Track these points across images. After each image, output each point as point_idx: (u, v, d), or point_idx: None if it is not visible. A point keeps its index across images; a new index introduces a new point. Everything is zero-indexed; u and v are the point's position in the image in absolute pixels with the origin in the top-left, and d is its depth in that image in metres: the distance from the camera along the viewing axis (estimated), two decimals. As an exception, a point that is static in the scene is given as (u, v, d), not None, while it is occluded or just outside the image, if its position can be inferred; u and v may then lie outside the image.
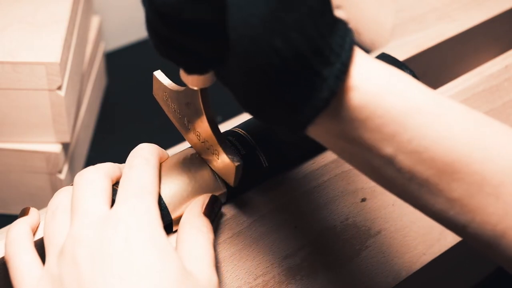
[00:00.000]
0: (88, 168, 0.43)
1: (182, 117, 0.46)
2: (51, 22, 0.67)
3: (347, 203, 0.51)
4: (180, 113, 0.46)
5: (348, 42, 0.34)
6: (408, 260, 0.52)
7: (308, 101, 0.34)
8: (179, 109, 0.46)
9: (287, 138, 0.50)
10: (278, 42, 0.32)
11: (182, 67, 0.39)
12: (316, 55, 0.33)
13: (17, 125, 0.67)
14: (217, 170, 0.45)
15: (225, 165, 0.44)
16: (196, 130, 0.45)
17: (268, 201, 0.48)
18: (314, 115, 0.34)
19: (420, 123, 0.35)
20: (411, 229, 0.53)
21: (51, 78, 0.63)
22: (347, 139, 0.36)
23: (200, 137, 0.45)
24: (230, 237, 0.46)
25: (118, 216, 0.39)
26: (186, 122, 0.46)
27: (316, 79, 0.34)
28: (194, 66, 0.38)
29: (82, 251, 0.38)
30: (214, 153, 0.44)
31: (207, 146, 0.45)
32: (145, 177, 0.42)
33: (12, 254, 0.41)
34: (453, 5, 0.73)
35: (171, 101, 0.47)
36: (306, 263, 0.48)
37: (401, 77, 0.36)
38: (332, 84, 0.34)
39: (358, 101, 0.35)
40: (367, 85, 0.35)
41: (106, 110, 0.88)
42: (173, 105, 0.47)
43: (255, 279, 0.46)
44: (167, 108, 0.48)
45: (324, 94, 0.34)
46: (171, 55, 0.37)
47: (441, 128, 0.35)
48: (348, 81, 0.34)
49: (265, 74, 0.33)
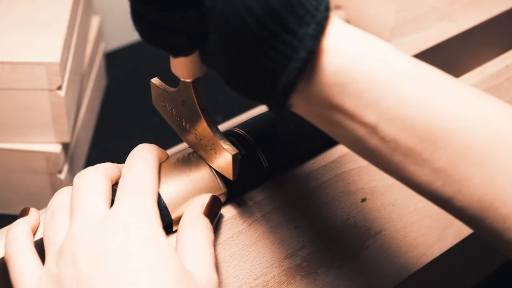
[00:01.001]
0: (87, 169, 0.43)
1: (180, 119, 0.47)
2: (51, 22, 0.67)
3: (347, 203, 0.51)
4: (178, 115, 0.46)
5: (324, 5, 0.35)
6: (408, 260, 0.52)
7: (287, 63, 0.34)
8: (177, 111, 0.46)
9: (288, 138, 0.50)
10: (251, 1, 0.33)
11: (168, 50, 0.39)
12: (290, 14, 0.34)
13: (17, 125, 0.67)
14: (217, 167, 0.45)
15: (223, 158, 0.44)
16: (194, 129, 0.45)
17: (269, 201, 0.48)
18: (295, 78, 0.35)
19: (400, 88, 0.35)
20: (411, 229, 0.53)
21: (51, 78, 0.63)
22: (329, 107, 0.36)
23: (198, 135, 0.45)
24: (230, 237, 0.46)
25: (117, 215, 0.39)
26: (184, 123, 0.46)
27: (293, 39, 0.34)
28: (179, 47, 0.38)
29: (81, 251, 0.38)
30: (212, 149, 0.44)
31: (205, 143, 0.45)
32: (144, 176, 0.42)
33: (12, 254, 0.41)
34: (453, 5, 0.73)
35: (169, 104, 0.47)
36: (306, 263, 0.48)
37: (380, 43, 0.36)
38: (309, 44, 0.34)
39: (336, 64, 0.35)
40: (345, 47, 0.35)
41: (106, 110, 0.88)
42: (171, 108, 0.47)
43: (255, 279, 0.46)
44: (166, 115, 0.48)
45: (302, 54, 0.34)
46: (155, 38, 0.38)
47: (422, 94, 0.35)
48: (325, 43, 0.35)
49: (242, 37, 0.34)
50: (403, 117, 0.35)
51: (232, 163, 0.43)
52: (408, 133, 0.35)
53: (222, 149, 0.44)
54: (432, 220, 0.54)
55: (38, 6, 0.69)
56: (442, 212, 0.54)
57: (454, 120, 0.35)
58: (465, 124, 0.35)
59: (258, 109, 0.59)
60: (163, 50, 0.39)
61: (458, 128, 0.35)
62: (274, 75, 0.35)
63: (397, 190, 0.53)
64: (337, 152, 0.52)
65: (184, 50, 0.39)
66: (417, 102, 0.35)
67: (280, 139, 0.49)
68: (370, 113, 0.35)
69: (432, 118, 0.35)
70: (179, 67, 0.42)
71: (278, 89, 0.35)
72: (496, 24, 0.72)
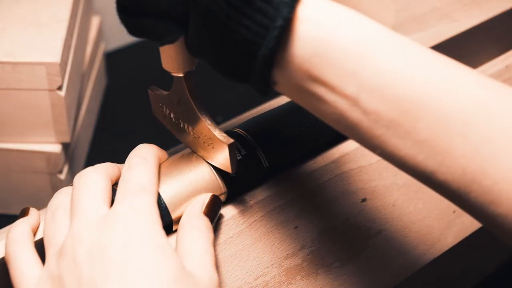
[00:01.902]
0: (87, 169, 0.43)
1: (178, 122, 0.47)
2: (51, 22, 0.67)
3: (347, 203, 0.51)
4: (176, 117, 0.47)
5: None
6: (408, 260, 0.52)
7: (265, 33, 0.35)
8: (174, 113, 0.47)
9: (288, 138, 0.50)
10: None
11: (153, 37, 0.40)
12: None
13: (18, 125, 0.67)
14: (216, 163, 0.45)
15: (220, 151, 0.44)
16: (191, 128, 0.46)
17: (269, 201, 0.48)
18: (275, 47, 0.35)
19: (377, 59, 0.35)
20: (411, 229, 0.53)
21: (51, 78, 0.63)
22: (310, 80, 0.36)
23: (195, 134, 0.46)
24: (231, 237, 0.46)
25: (117, 215, 0.39)
26: (182, 125, 0.47)
27: (268, 7, 0.35)
28: (163, 33, 0.39)
29: (81, 251, 0.38)
30: (209, 144, 0.45)
31: (203, 140, 0.45)
32: (144, 176, 0.42)
33: (12, 254, 0.41)
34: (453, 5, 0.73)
35: (167, 108, 0.48)
36: (306, 263, 0.48)
37: (355, 14, 0.37)
38: (284, 12, 0.35)
39: (312, 34, 0.35)
40: (320, 17, 0.35)
41: (106, 110, 0.88)
42: (169, 113, 0.47)
43: (255, 279, 0.46)
44: (166, 121, 0.49)
45: (279, 22, 0.35)
46: (140, 27, 0.39)
47: (399, 64, 0.35)
48: (300, 11, 0.35)
49: (218, 8, 0.35)
50: (382, 88, 0.35)
51: (229, 153, 0.44)
52: (389, 104, 0.35)
53: (218, 141, 0.44)
54: (432, 220, 0.54)
55: (38, 6, 0.69)
56: (442, 212, 0.54)
57: (433, 90, 0.35)
58: (444, 94, 0.35)
59: (258, 109, 0.59)
60: (149, 39, 0.40)
61: (438, 98, 0.35)
62: (253, 46, 0.35)
63: (397, 190, 0.53)
64: (338, 152, 0.52)
65: (169, 36, 0.40)
66: (395, 72, 0.35)
67: (280, 139, 0.49)
68: (350, 84, 0.36)
69: (411, 88, 0.35)
70: (169, 61, 0.43)
71: (259, 61, 0.36)
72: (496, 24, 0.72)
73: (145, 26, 0.39)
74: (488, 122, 0.35)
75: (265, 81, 0.37)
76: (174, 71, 0.44)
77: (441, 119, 0.35)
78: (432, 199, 0.54)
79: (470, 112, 0.35)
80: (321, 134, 0.51)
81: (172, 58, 0.43)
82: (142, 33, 0.40)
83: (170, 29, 0.39)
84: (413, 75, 0.35)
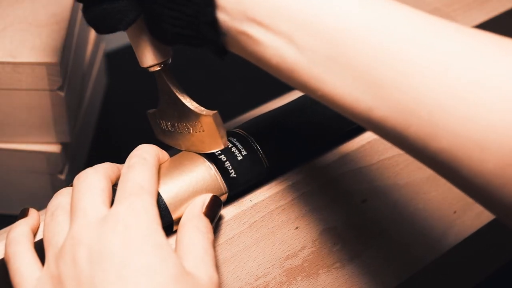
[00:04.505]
0: (87, 170, 0.43)
1: (177, 129, 0.47)
2: (51, 22, 0.67)
3: (348, 204, 0.51)
4: (172, 124, 0.47)
5: None
6: (409, 261, 0.52)
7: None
8: (170, 121, 0.48)
9: (288, 139, 0.50)
10: None
11: (113, 23, 0.43)
12: None
13: (18, 125, 0.67)
14: (211, 145, 0.46)
15: (209, 129, 0.45)
16: (185, 124, 0.46)
17: (269, 201, 0.48)
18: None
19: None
20: (412, 230, 0.53)
21: (51, 78, 0.63)
22: (247, 21, 0.37)
23: (189, 128, 0.46)
24: (231, 238, 0.46)
25: (116, 216, 0.39)
26: (179, 130, 0.47)
27: None
28: (122, 15, 0.42)
29: (81, 251, 0.38)
30: (200, 130, 0.45)
31: (197, 130, 0.45)
32: (143, 176, 0.42)
33: (12, 255, 0.41)
34: (453, 5, 0.73)
35: (163, 121, 0.49)
36: (307, 264, 0.48)
37: None
38: None
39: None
40: None
41: (106, 110, 0.88)
42: (166, 125, 0.49)
43: (256, 279, 0.46)
44: (169, 138, 0.49)
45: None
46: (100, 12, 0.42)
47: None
48: None
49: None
50: (313, 21, 0.36)
51: (214, 122, 0.44)
52: (322, 39, 0.36)
53: (204, 119, 0.45)
54: (433, 221, 0.54)
55: (38, 6, 0.69)
56: (442, 213, 0.54)
57: (365, 20, 0.35)
58: (377, 23, 0.35)
59: (258, 109, 0.59)
60: (108, 25, 0.43)
61: (370, 28, 0.35)
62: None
63: (397, 191, 0.53)
64: (338, 153, 0.52)
65: (128, 17, 0.42)
66: (323, 3, 0.36)
67: (280, 140, 0.49)
68: (283, 21, 0.36)
69: (342, 19, 0.35)
70: (143, 55, 0.45)
71: (201, 5, 0.37)
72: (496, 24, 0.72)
73: (103, 9, 0.41)
74: (418, 54, 0.35)
75: (213, 28, 0.38)
76: (151, 63, 0.45)
77: (374, 49, 0.35)
78: (433, 199, 0.54)
79: (404, 41, 0.35)
80: (321, 135, 0.51)
81: (144, 50, 0.45)
82: (103, 18, 0.42)
83: (129, 12, 0.41)
84: (341, 4, 0.36)
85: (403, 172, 0.53)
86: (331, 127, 0.51)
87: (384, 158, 0.52)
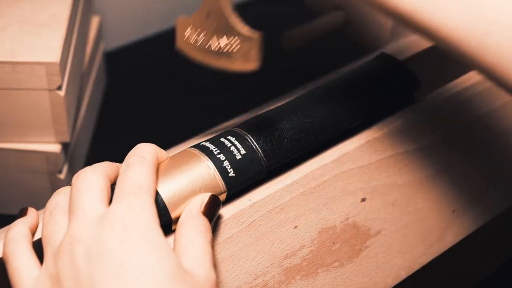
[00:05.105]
0: (85, 169, 0.43)
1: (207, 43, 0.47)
2: (51, 22, 0.67)
3: (347, 203, 0.51)
4: (207, 37, 0.46)
5: None
6: (408, 260, 0.52)
7: None
8: (204, 31, 0.47)
9: (288, 138, 0.50)
10: None
11: None
12: None
13: (17, 125, 0.67)
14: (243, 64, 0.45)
15: (247, 47, 0.44)
16: (220, 37, 0.46)
17: (268, 201, 0.48)
18: None
19: None
20: (411, 229, 0.53)
21: (51, 78, 0.63)
22: None
23: (224, 44, 0.45)
24: (230, 237, 0.46)
25: (114, 214, 0.39)
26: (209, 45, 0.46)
27: None
28: None
29: (79, 250, 0.38)
30: (236, 45, 0.45)
31: (230, 46, 0.45)
32: (141, 175, 0.42)
33: (10, 254, 0.41)
34: None
35: (195, 30, 0.47)
36: (306, 263, 0.48)
37: None
38: None
39: None
40: None
41: (106, 110, 0.88)
42: (196, 37, 0.47)
43: (255, 279, 0.46)
44: (194, 52, 0.48)
45: None
46: None
47: None
48: None
49: None
50: None
51: (257, 44, 0.44)
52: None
53: (247, 37, 0.44)
54: (432, 220, 0.54)
55: (38, 6, 0.69)
56: (442, 212, 0.54)
57: None
58: None
59: (258, 109, 0.59)
60: None
61: None
62: None
63: (397, 189, 0.53)
64: (337, 152, 0.52)
65: None
66: None
67: (279, 139, 0.49)
68: None
69: None
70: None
71: None
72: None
73: None
74: None
75: None
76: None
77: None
78: (432, 199, 0.54)
79: None
80: (320, 134, 0.51)
81: None
82: None
83: None
84: None
85: (402, 171, 0.53)
86: (330, 126, 0.51)
87: (384, 157, 0.52)
